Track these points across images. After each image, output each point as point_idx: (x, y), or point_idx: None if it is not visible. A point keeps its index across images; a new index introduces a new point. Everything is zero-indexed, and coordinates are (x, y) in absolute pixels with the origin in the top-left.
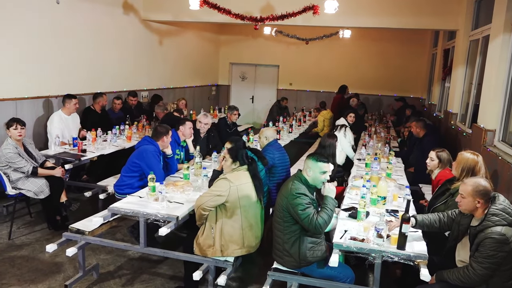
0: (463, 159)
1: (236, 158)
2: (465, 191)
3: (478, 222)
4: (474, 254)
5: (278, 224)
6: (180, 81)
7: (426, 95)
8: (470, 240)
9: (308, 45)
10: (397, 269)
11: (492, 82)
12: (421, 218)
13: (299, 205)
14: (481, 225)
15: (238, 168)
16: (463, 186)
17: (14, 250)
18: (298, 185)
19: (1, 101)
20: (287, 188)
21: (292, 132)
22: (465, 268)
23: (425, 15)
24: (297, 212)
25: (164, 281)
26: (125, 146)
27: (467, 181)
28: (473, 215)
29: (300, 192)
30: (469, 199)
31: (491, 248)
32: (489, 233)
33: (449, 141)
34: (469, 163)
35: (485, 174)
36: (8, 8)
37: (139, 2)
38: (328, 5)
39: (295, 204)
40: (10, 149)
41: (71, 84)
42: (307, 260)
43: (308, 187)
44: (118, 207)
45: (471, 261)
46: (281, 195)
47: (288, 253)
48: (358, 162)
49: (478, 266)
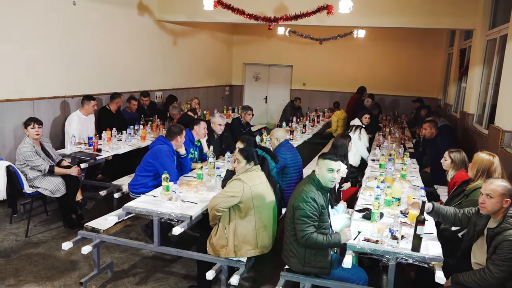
0: (479, 159)
1: (248, 158)
2: (495, 191)
3: (496, 224)
4: (491, 257)
5: (287, 224)
6: (194, 82)
7: (442, 95)
8: (487, 242)
9: (322, 45)
10: (411, 271)
11: (510, 82)
12: (438, 206)
13: (301, 210)
14: (499, 227)
15: (251, 169)
16: (491, 186)
17: (31, 248)
18: (310, 188)
19: (19, 101)
20: (299, 189)
21: (305, 132)
22: (481, 270)
23: (441, 14)
24: (296, 216)
25: (178, 280)
26: (139, 146)
27: (494, 181)
28: (490, 217)
29: (310, 197)
30: (497, 199)
31: (510, 251)
32: (508, 235)
33: (465, 142)
34: (484, 163)
35: (502, 174)
36: (26, 10)
37: (153, 3)
38: (343, 5)
39: (298, 207)
40: (27, 147)
41: (87, 84)
42: (311, 265)
43: (321, 189)
44: (132, 206)
45: (488, 263)
46: (292, 195)
47: (294, 254)
48: (372, 163)
49: (495, 269)
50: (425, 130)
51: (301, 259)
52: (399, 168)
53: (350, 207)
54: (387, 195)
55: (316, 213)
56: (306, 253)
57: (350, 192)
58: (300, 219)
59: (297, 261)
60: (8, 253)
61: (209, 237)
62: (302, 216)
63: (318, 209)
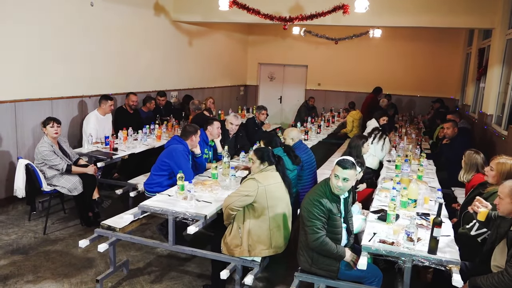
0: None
1: (263, 158)
2: (502, 192)
3: None
4: (510, 259)
5: (302, 223)
6: (209, 81)
7: (460, 95)
8: (507, 245)
9: (337, 45)
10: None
11: None
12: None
13: (309, 212)
14: None
15: (266, 169)
16: (501, 187)
17: (49, 245)
18: (320, 192)
19: (37, 101)
20: (312, 191)
21: (320, 132)
22: (499, 273)
23: (459, 13)
24: (305, 218)
25: (192, 279)
26: (155, 145)
27: (506, 182)
28: None
29: (317, 200)
30: (506, 200)
31: None
32: None
33: (483, 143)
34: (507, 168)
35: None
36: (44, 11)
37: (169, 4)
38: (359, 4)
39: (306, 210)
40: (45, 147)
41: (104, 84)
42: (318, 267)
43: (332, 195)
44: (148, 205)
45: (507, 266)
46: (306, 196)
47: (304, 252)
48: (388, 164)
49: None
50: (447, 130)
51: (308, 259)
52: (416, 169)
53: (366, 208)
54: (403, 196)
55: (324, 216)
56: (314, 253)
57: (365, 193)
58: (309, 221)
59: (305, 260)
60: (26, 249)
61: (223, 236)
62: (311, 218)
63: (325, 213)
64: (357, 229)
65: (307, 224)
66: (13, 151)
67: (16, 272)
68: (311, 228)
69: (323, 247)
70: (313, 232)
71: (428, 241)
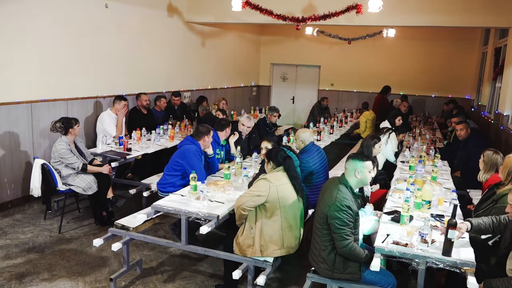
0: (510, 162)
1: (271, 158)
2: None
3: None
4: None
5: (317, 229)
6: (222, 82)
7: (475, 95)
8: None
9: (350, 45)
10: (441, 276)
11: None
12: (476, 222)
13: (338, 220)
14: None
15: (277, 169)
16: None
17: (64, 244)
18: (345, 195)
19: (53, 102)
20: (331, 195)
21: (333, 133)
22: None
23: (475, 12)
24: (334, 225)
25: (204, 279)
26: (167, 146)
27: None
28: None
29: (346, 205)
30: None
31: None
32: None
33: (499, 144)
34: None
35: None
36: (59, 13)
37: (182, 5)
38: (372, 4)
39: (335, 217)
40: (63, 145)
41: (118, 85)
42: (340, 271)
43: (354, 195)
44: (161, 205)
45: None
46: (324, 201)
47: (324, 260)
48: (402, 165)
49: None
50: (460, 131)
51: (330, 266)
52: (430, 170)
53: (378, 209)
54: (417, 197)
55: (352, 220)
56: (337, 259)
57: (378, 194)
58: (339, 228)
59: (327, 267)
60: (42, 248)
61: (235, 237)
62: (341, 225)
63: (353, 216)
64: (370, 231)
65: (336, 231)
66: (29, 151)
67: (32, 270)
68: (340, 235)
69: (352, 253)
70: (343, 239)
71: (442, 243)
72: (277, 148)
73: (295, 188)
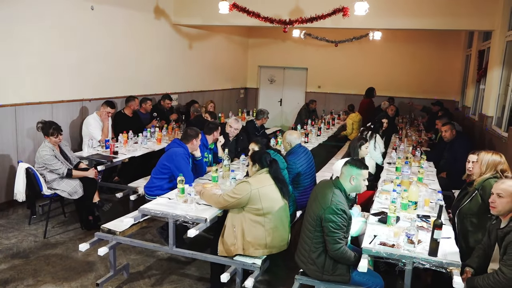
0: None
1: (254, 161)
2: (506, 190)
3: (505, 224)
4: (502, 258)
5: (309, 231)
6: (209, 84)
7: (460, 97)
8: (498, 244)
9: (337, 47)
10: (428, 276)
11: None
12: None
13: (333, 223)
14: (508, 226)
15: (260, 171)
16: (502, 186)
17: (49, 249)
18: (339, 198)
19: (38, 105)
20: (326, 198)
21: (320, 135)
22: (494, 273)
23: (459, 15)
24: (328, 228)
25: (192, 282)
26: (155, 149)
27: (506, 181)
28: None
29: (341, 209)
30: (508, 199)
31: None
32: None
33: (483, 145)
34: (491, 160)
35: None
36: (44, 14)
37: (170, 7)
38: (358, 7)
39: (330, 220)
40: (47, 151)
41: (104, 87)
42: (330, 273)
43: (347, 199)
44: (148, 208)
45: (500, 265)
46: (317, 203)
47: (314, 262)
48: (388, 166)
49: (507, 270)
50: (445, 133)
51: (320, 267)
52: (416, 171)
53: (366, 210)
54: (403, 198)
55: (346, 224)
56: (326, 262)
57: (365, 195)
58: (333, 232)
59: (316, 269)
60: (27, 253)
61: (220, 236)
62: (335, 228)
63: (347, 221)
64: (358, 232)
65: (329, 234)
66: (13, 155)
67: (16, 276)
68: (333, 239)
69: (344, 256)
70: (335, 242)
71: (428, 243)
72: (261, 150)
73: (281, 191)
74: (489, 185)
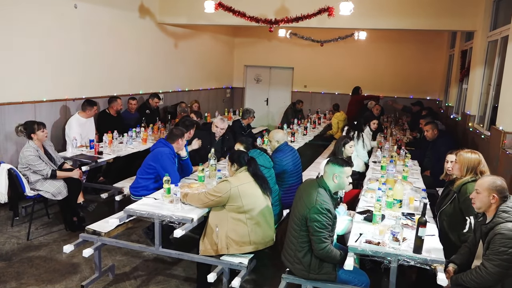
0: (466, 158)
1: (233, 161)
2: (481, 186)
3: (489, 220)
4: (485, 253)
5: (294, 230)
6: (195, 84)
7: (443, 97)
8: (482, 239)
9: (323, 47)
10: (412, 273)
11: (511, 84)
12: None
13: (318, 222)
14: (491, 222)
15: (239, 170)
16: (479, 181)
17: (32, 251)
18: (324, 198)
19: (20, 104)
20: (311, 198)
21: (306, 134)
22: (477, 268)
23: (442, 16)
24: (313, 228)
25: (179, 283)
26: (140, 149)
27: (483, 177)
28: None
29: (326, 208)
30: (484, 194)
31: (501, 244)
32: (499, 229)
33: (466, 143)
34: (472, 161)
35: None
36: (26, 13)
37: (155, 6)
38: (343, 7)
39: (315, 219)
40: (31, 151)
41: (88, 87)
42: (316, 272)
43: (332, 198)
44: (133, 209)
45: (483, 259)
46: (302, 203)
47: (300, 261)
48: (374, 165)
49: (490, 264)
50: (427, 132)
51: (306, 267)
52: (401, 170)
53: (352, 209)
54: (388, 197)
55: (331, 223)
56: (312, 261)
57: (351, 194)
58: (318, 231)
59: (302, 268)
60: (9, 256)
61: (201, 236)
62: (320, 228)
63: (332, 220)
64: (344, 230)
65: (314, 234)
66: None
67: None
68: (318, 238)
69: (329, 255)
70: (321, 241)
71: (413, 240)
72: (238, 151)
73: (261, 187)
74: (465, 190)
